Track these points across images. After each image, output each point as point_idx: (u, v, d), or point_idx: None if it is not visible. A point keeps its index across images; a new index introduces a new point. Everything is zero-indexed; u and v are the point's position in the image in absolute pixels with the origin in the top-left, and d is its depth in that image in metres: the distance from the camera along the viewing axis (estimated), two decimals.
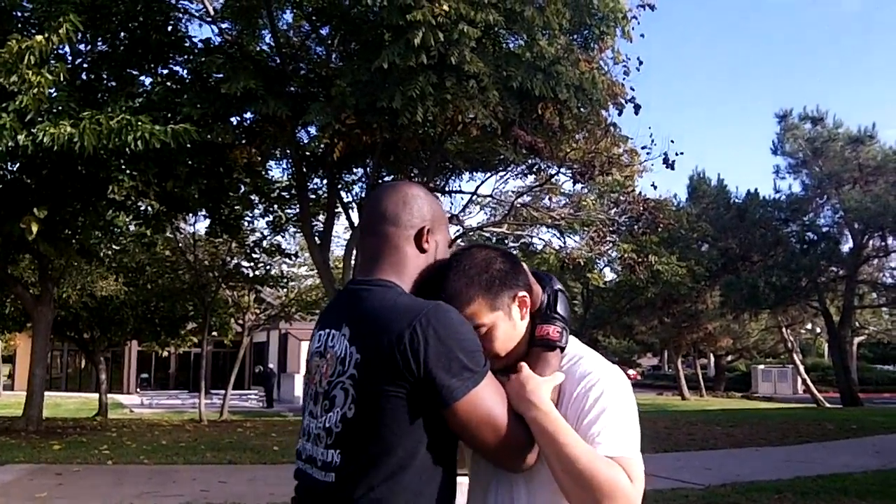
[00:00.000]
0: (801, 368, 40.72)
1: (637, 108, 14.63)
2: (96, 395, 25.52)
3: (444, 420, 1.72)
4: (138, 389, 41.17)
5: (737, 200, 33.01)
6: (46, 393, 18.35)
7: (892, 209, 28.20)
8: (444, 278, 1.84)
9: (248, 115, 14.46)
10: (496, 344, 1.83)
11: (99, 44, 14.25)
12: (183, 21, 15.08)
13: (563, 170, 18.39)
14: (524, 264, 1.96)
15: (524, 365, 1.80)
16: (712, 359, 55.76)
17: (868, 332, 49.15)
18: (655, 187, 25.75)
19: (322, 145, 12.82)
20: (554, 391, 1.79)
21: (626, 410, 1.80)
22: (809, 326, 47.90)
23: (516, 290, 1.86)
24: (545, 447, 1.69)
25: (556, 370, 1.83)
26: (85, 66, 14.36)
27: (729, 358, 54.06)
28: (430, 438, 1.71)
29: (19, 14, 13.05)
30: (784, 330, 39.99)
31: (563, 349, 1.87)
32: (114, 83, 13.93)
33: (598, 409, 1.77)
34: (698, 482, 10.43)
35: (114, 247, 21.10)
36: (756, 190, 33.06)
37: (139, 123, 10.94)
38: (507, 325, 1.85)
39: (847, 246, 32.40)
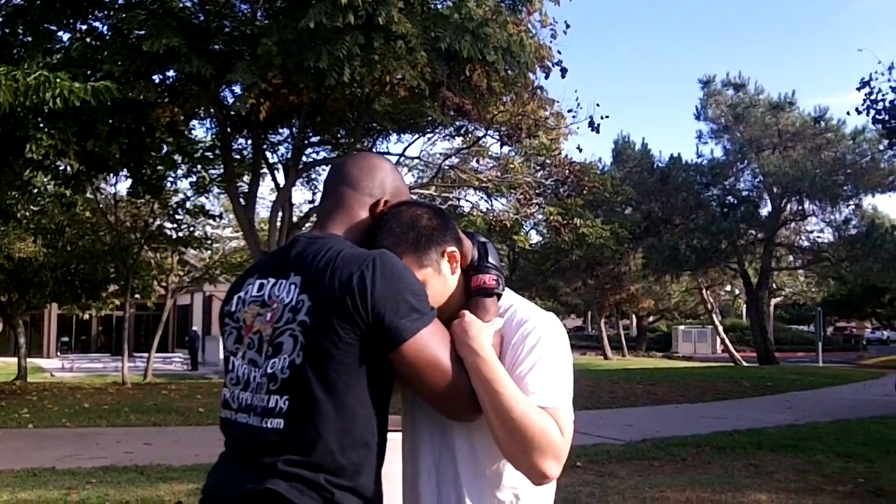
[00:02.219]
0: (720, 329, 41.76)
1: (563, 71, 14.70)
2: (15, 360, 24.93)
3: (388, 370, 1.74)
4: (59, 353, 40.41)
5: (660, 165, 33.53)
6: None
7: (809, 174, 28.97)
8: (373, 238, 1.87)
9: (170, 73, 14.14)
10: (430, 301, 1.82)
11: None
12: None
13: (490, 132, 18.46)
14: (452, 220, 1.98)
15: (466, 311, 1.83)
16: (634, 320, 57.00)
17: (784, 293, 50.66)
18: (581, 150, 26.07)
19: (248, 105, 12.60)
20: (496, 336, 1.81)
21: (560, 361, 1.83)
22: (728, 288, 49.20)
23: (444, 245, 1.88)
24: (481, 394, 1.71)
25: (496, 316, 1.86)
26: None
27: (651, 319, 55.25)
28: (375, 388, 1.73)
29: None
30: (704, 292, 40.95)
31: (500, 296, 1.90)
32: (30, 39, 13.47)
33: (532, 357, 1.79)
34: (620, 438, 10.70)
35: (32, 207, 20.53)
36: (679, 154, 33.73)
37: (58, 80, 10.58)
38: (438, 280, 1.87)
39: (766, 210, 33.28)
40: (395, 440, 3.68)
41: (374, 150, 20.22)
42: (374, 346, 1.69)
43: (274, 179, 19.20)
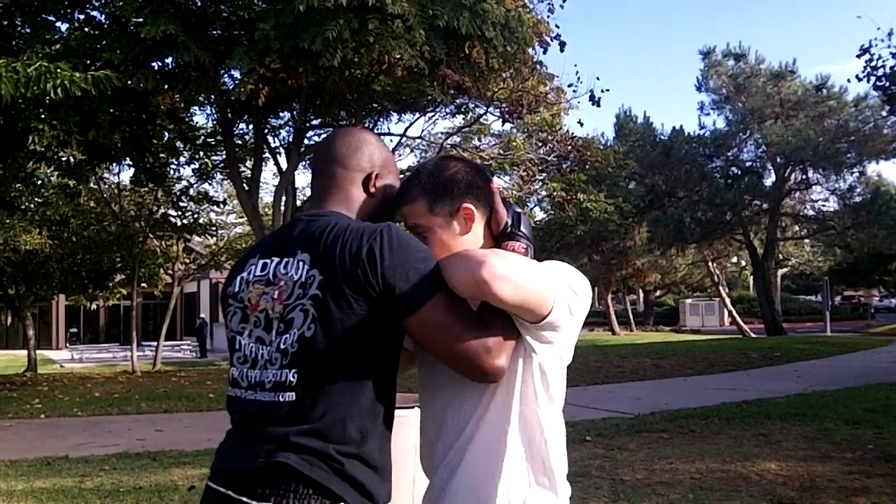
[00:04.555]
0: (727, 301, 41.81)
1: (562, 45, 14.65)
2: (24, 352, 25.03)
3: (395, 338, 1.78)
4: (68, 344, 40.56)
5: (663, 137, 33.41)
6: None
7: (812, 143, 28.87)
8: (403, 180, 1.97)
9: (169, 60, 14.11)
10: (434, 248, 1.85)
11: None
12: None
13: (491, 109, 18.41)
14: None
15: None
16: (641, 294, 56.96)
17: (791, 263, 50.56)
18: (582, 124, 26.10)
19: (247, 91, 12.57)
20: None
21: (553, 265, 1.87)
22: (735, 260, 49.16)
23: (462, 200, 1.90)
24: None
25: None
26: None
27: (657, 293, 55.22)
28: (384, 359, 1.78)
29: None
30: (710, 264, 40.94)
31: None
32: (28, 30, 13.44)
33: None
34: (629, 411, 10.73)
35: (36, 199, 20.52)
36: (681, 127, 33.58)
37: (58, 70, 10.58)
38: (446, 233, 1.88)
39: (770, 180, 33.22)
40: (406, 416, 3.70)
41: (375, 130, 20.19)
42: (385, 315, 1.73)
43: (276, 163, 19.20)
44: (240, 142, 18.35)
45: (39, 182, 17.65)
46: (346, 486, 1.68)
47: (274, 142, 19.37)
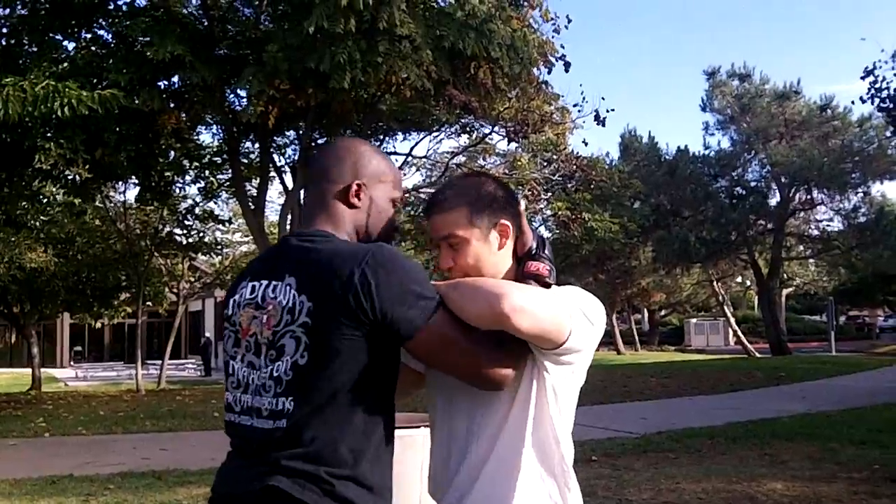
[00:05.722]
0: (732, 321, 41.63)
1: (567, 65, 14.72)
2: (29, 370, 25.03)
3: (391, 359, 1.77)
4: (72, 362, 40.51)
5: (667, 157, 33.40)
6: None
7: (816, 163, 28.88)
8: (438, 190, 1.96)
9: (175, 79, 14.19)
10: (467, 260, 1.88)
11: (18, 7, 13.80)
12: None
13: (496, 129, 18.48)
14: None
15: None
16: (646, 314, 56.79)
17: (796, 283, 50.42)
18: (587, 144, 25.91)
19: (258, 111, 12.63)
20: None
21: (567, 292, 1.88)
22: (739, 279, 48.95)
23: (500, 216, 1.92)
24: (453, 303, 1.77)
25: None
26: (4, 31, 13.93)
27: (662, 312, 55.07)
28: (379, 381, 1.76)
29: None
30: (715, 283, 40.80)
31: (550, 286, 1.92)
32: (35, 49, 13.53)
33: None
34: (634, 431, 10.70)
35: (42, 217, 20.62)
36: (686, 146, 33.56)
37: (66, 89, 10.66)
38: (482, 247, 1.90)
39: (774, 200, 33.16)
40: (413, 436, 3.69)
41: (381, 149, 20.22)
42: (381, 339, 1.71)
43: (282, 182, 19.23)
44: (245, 160, 18.42)
45: (45, 200, 17.76)
46: None
47: (280, 161, 19.43)
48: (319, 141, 18.48)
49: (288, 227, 17.01)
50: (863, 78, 16.48)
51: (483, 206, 1.90)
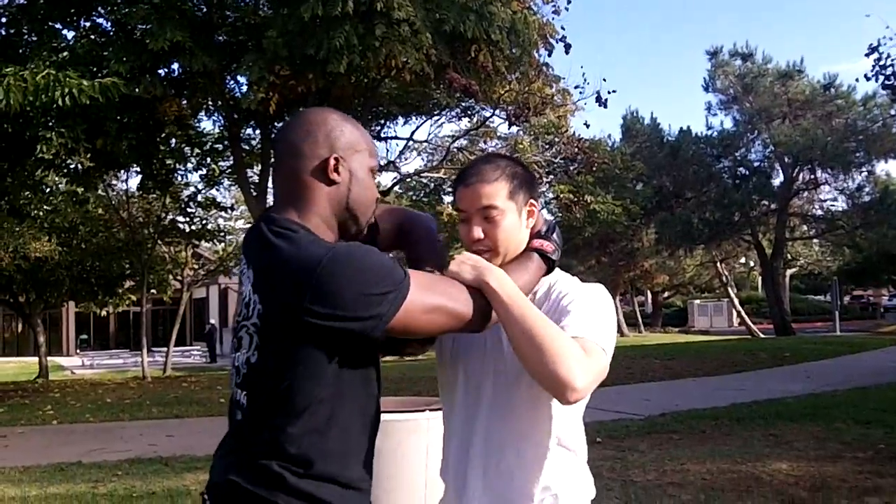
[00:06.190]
0: (736, 302, 41.63)
1: (567, 46, 14.71)
2: (35, 359, 25.14)
3: (362, 355, 1.71)
4: (78, 351, 40.66)
5: (670, 138, 33.39)
6: None
7: (820, 142, 28.82)
8: (472, 164, 1.98)
9: (175, 67, 14.17)
10: (499, 232, 1.89)
11: None
12: None
13: (497, 112, 18.42)
14: None
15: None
16: (649, 295, 56.84)
17: (799, 263, 50.34)
18: (588, 126, 25.91)
19: (258, 98, 12.60)
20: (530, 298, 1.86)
21: (597, 307, 1.88)
22: (743, 260, 48.96)
23: (531, 195, 1.97)
24: (500, 312, 1.74)
25: (534, 280, 1.91)
26: (3, 20, 13.91)
27: (665, 294, 55.07)
28: (344, 375, 1.67)
29: None
30: (718, 265, 40.79)
31: (551, 267, 1.95)
32: (35, 38, 13.51)
33: (567, 306, 1.87)
34: (639, 412, 10.72)
35: (45, 207, 20.61)
36: (689, 127, 33.57)
37: (66, 78, 10.64)
38: (515, 220, 1.92)
39: (778, 180, 33.14)
40: (416, 420, 3.70)
41: (381, 133, 20.20)
42: (345, 339, 1.62)
43: None
44: (247, 147, 18.40)
45: (48, 189, 17.76)
46: (292, 500, 1.64)
47: None
48: None
49: None
50: (867, 55, 16.40)
51: (521, 183, 1.94)
